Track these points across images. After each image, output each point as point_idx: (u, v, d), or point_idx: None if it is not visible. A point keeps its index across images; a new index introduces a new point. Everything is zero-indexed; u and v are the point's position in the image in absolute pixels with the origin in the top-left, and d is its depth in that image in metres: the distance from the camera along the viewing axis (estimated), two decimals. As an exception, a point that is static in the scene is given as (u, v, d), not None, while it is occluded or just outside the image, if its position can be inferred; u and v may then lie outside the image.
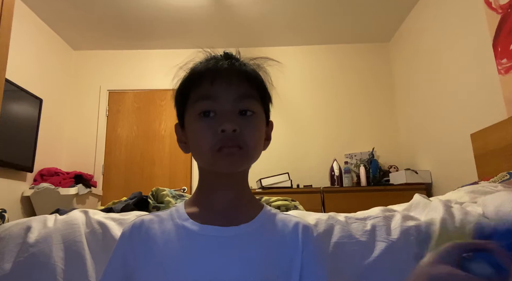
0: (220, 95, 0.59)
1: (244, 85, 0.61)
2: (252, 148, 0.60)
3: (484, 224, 0.94)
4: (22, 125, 2.97)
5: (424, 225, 0.98)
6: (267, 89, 0.66)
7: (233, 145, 0.57)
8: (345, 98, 3.80)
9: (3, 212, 1.12)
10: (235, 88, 0.60)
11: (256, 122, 0.61)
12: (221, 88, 0.59)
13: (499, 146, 2.02)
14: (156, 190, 1.47)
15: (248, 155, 0.60)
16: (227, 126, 0.57)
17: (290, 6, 3.23)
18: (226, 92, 0.59)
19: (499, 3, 2.08)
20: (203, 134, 0.59)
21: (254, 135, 0.60)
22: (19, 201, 2.95)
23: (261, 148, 0.63)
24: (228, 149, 0.57)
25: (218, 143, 0.57)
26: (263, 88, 0.65)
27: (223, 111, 0.59)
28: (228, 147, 0.57)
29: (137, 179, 3.66)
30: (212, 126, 0.58)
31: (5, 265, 0.92)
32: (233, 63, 0.62)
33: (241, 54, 0.66)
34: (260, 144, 0.63)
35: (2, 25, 1.48)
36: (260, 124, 0.63)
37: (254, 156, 0.62)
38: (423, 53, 3.12)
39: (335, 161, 3.39)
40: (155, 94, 3.86)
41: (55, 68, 3.62)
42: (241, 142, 0.58)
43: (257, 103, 0.62)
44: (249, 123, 0.60)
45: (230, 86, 0.60)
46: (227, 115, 0.58)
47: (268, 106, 0.67)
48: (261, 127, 0.63)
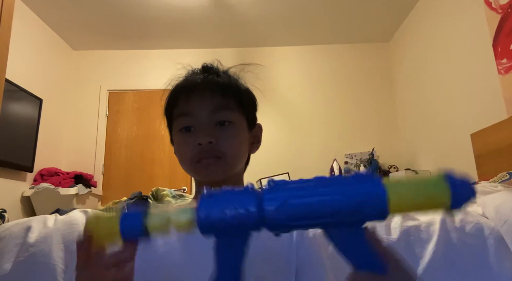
0: (196, 110, 0.63)
1: (218, 97, 0.63)
2: (231, 157, 0.63)
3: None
4: (22, 125, 2.97)
5: (424, 225, 0.98)
6: (246, 96, 0.68)
7: (210, 156, 0.61)
8: (345, 98, 3.80)
9: (3, 212, 1.12)
10: (209, 101, 0.63)
11: (234, 131, 0.64)
12: (196, 103, 0.63)
13: (499, 146, 2.02)
14: (156, 190, 1.47)
15: (227, 164, 0.63)
16: (202, 140, 0.60)
17: (290, 6, 3.23)
18: (201, 106, 0.63)
19: (499, 3, 2.08)
20: (184, 148, 0.63)
21: (231, 144, 0.63)
22: (19, 201, 2.95)
23: (241, 154, 0.66)
24: (206, 161, 0.61)
25: (197, 156, 0.61)
26: (239, 96, 0.66)
27: (200, 125, 0.62)
28: (205, 158, 0.61)
29: (137, 179, 3.66)
30: (190, 140, 0.62)
31: (5, 265, 0.92)
32: (206, 77, 0.66)
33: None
34: (240, 151, 0.65)
35: (2, 25, 1.48)
36: (239, 132, 0.65)
37: (235, 164, 0.64)
38: (423, 53, 3.12)
39: (335, 161, 3.39)
40: (155, 94, 3.86)
41: (55, 68, 3.62)
42: (218, 153, 0.61)
43: (234, 112, 0.65)
44: (226, 133, 0.63)
45: (204, 100, 0.63)
46: (203, 129, 0.62)
47: (250, 111, 0.69)
48: (240, 135, 0.66)
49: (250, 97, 0.70)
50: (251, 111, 0.70)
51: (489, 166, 2.11)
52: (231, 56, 3.92)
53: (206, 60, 2.88)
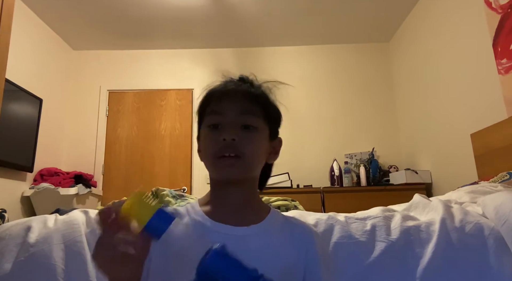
0: (226, 111, 0.69)
1: (247, 103, 0.70)
2: (249, 158, 0.67)
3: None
4: (22, 125, 2.97)
5: (424, 225, 0.98)
6: (272, 108, 0.75)
7: (231, 153, 0.65)
8: (345, 98, 3.80)
9: (3, 212, 1.12)
10: (239, 104, 0.69)
11: (256, 136, 0.69)
12: (227, 104, 0.69)
13: (499, 146, 2.02)
14: (156, 190, 1.47)
15: (246, 164, 0.67)
16: (227, 135, 0.65)
17: (290, 6, 3.23)
18: (230, 108, 0.69)
19: (499, 3, 2.08)
20: (209, 142, 0.68)
21: (252, 146, 0.68)
22: (19, 201, 2.95)
23: (259, 159, 0.71)
24: (227, 159, 0.65)
25: (219, 151, 0.66)
26: (267, 107, 0.73)
27: (227, 124, 0.68)
28: (226, 155, 0.65)
29: (137, 179, 3.65)
30: (216, 136, 0.67)
31: (5, 265, 0.92)
32: (240, 84, 0.73)
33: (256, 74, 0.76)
34: (258, 156, 0.70)
35: (2, 25, 1.48)
36: (261, 138, 0.71)
37: (252, 166, 0.69)
38: (423, 53, 3.12)
39: (335, 161, 3.39)
40: (155, 94, 3.86)
41: (55, 68, 3.62)
42: (238, 152, 0.66)
43: (259, 120, 0.70)
44: (249, 136, 0.68)
45: (235, 103, 0.69)
46: (229, 127, 0.67)
47: (274, 123, 0.76)
48: (261, 141, 0.71)
49: (276, 111, 0.76)
50: (274, 123, 0.76)
51: (489, 166, 2.11)
52: (231, 56, 3.92)
53: (206, 60, 2.95)
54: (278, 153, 0.78)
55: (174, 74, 3.89)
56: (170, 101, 3.83)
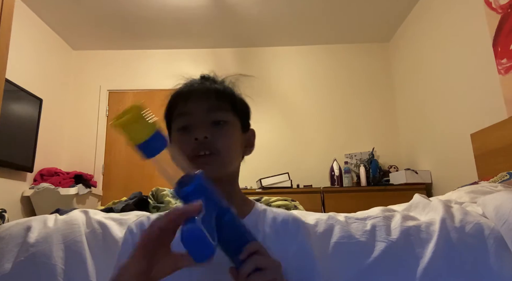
0: (193, 111, 0.69)
1: (214, 99, 0.70)
2: (225, 153, 0.67)
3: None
4: (22, 125, 2.97)
5: (424, 225, 0.98)
6: (239, 101, 0.74)
7: (206, 151, 0.66)
8: (345, 98, 3.80)
9: (3, 212, 1.12)
10: (205, 102, 0.69)
11: (228, 130, 0.69)
12: (193, 105, 0.69)
13: (499, 146, 2.02)
14: (156, 190, 1.47)
15: (222, 160, 0.67)
16: (198, 134, 0.65)
17: (290, 6, 3.23)
18: (198, 107, 0.69)
19: (499, 3, 2.08)
20: (182, 145, 0.68)
21: (225, 141, 0.68)
22: (19, 201, 2.95)
23: (235, 153, 0.70)
24: (202, 158, 0.66)
25: (193, 151, 0.66)
26: (233, 101, 0.72)
27: (196, 123, 0.68)
28: (201, 154, 0.65)
29: (137, 179, 3.66)
30: (188, 137, 0.67)
31: (5, 265, 0.92)
32: (203, 83, 0.73)
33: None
34: (234, 150, 0.70)
35: (2, 25, 1.48)
36: (233, 131, 0.71)
37: (229, 161, 0.69)
38: (423, 53, 3.12)
39: (335, 161, 3.39)
40: (155, 94, 3.86)
41: (55, 68, 3.62)
42: (213, 149, 0.66)
43: (228, 113, 0.70)
44: (220, 131, 0.68)
45: (201, 102, 0.69)
46: (199, 126, 0.67)
47: (244, 116, 0.75)
48: (234, 134, 0.71)
49: (243, 103, 0.76)
50: (244, 115, 0.75)
51: (489, 166, 2.11)
52: (231, 56, 3.92)
53: (206, 60, 2.96)
54: (254, 145, 0.77)
55: (174, 74, 3.88)
56: (170, 101, 3.83)
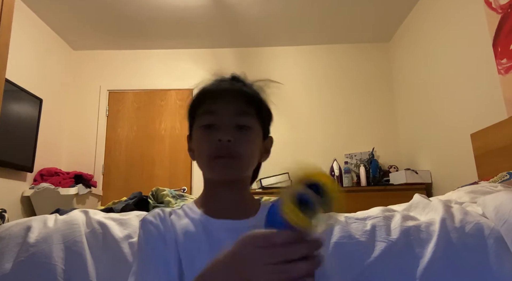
0: (220, 111, 0.69)
1: (242, 103, 0.70)
2: (245, 158, 0.68)
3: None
4: (22, 125, 2.97)
5: (424, 225, 0.98)
6: (265, 108, 0.74)
7: (226, 154, 0.66)
8: (345, 98, 3.80)
9: (3, 212, 1.12)
10: (234, 105, 0.69)
11: (251, 136, 0.70)
12: (222, 105, 0.69)
13: (499, 146, 2.02)
14: (156, 190, 1.47)
15: (241, 165, 0.68)
16: (222, 136, 0.66)
17: (290, 6, 3.23)
18: (225, 108, 0.69)
19: (499, 3, 2.08)
20: (204, 143, 0.68)
21: (247, 146, 0.68)
22: (19, 201, 2.95)
23: (254, 159, 0.71)
24: (223, 159, 0.66)
25: (215, 152, 0.66)
26: (260, 107, 0.72)
27: (222, 124, 0.68)
28: (222, 156, 0.66)
29: (137, 179, 3.66)
30: (211, 136, 0.67)
31: (5, 265, 0.92)
32: (233, 84, 0.72)
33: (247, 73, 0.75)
34: (253, 156, 0.71)
35: (2, 25, 1.48)
36: (255, 138, 0.71)
37: (247, 166, 0.70)
38: (423, 53, 3.12)
39: (335, 161, 3.39)
40: (155, 94, 3.86)
41: (55, 68, 3.62)
42: (234, 152, 0.66)
43: (253, 120, 0.70)
44: (244, 136, 0.68)
45: (229, 103, 0.69)
46: (224, 128, 0.67)
47: (266, 123, 0.75)
48: (256, 141, 0.71)
49: (268, 110, 0.76)
50: (267, 123, 0.76)
51: (489, 166, 2.11)
52: (231, 56, 3.92)
53: (206, 60, 2.95)
54: (270, 152, 0.78)
55: (174, 74, 3.89)
56: (170, 101, 3.83)
